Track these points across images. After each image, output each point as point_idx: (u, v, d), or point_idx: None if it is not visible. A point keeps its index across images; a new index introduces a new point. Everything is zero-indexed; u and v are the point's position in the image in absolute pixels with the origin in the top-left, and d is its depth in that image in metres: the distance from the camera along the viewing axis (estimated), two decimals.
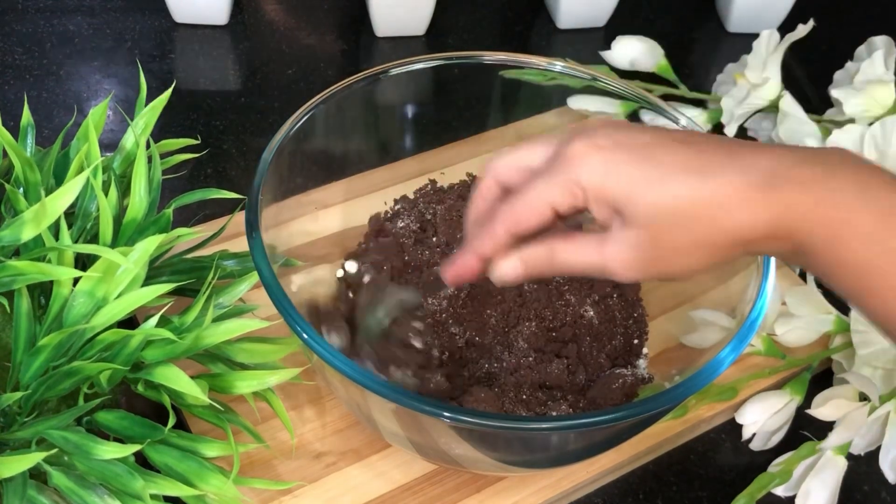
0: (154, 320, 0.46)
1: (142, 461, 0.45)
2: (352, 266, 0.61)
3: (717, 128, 0.74)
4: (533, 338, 0.57)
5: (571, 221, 0.43)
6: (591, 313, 0.59)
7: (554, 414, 0.53)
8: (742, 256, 0.40)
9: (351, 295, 0.60)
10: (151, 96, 0.56)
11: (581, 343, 0.57)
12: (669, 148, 0.39)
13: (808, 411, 0.57)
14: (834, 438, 0.55)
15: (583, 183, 0.40)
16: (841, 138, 0.65)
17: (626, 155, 0.39)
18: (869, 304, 0.37)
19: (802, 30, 0.70)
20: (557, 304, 0.59)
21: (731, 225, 0.38)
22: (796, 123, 0.69)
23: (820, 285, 0.63)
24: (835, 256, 0.37)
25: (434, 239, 0.62)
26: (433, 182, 0.66)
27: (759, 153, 0.38)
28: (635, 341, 0.59)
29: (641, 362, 0.59)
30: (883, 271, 0.36)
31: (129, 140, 0.55)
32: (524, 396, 0.54)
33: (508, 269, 0.44)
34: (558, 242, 0.42)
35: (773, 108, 0.71)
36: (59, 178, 0.53)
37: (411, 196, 0.65)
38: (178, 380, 0.45)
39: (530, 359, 0.56)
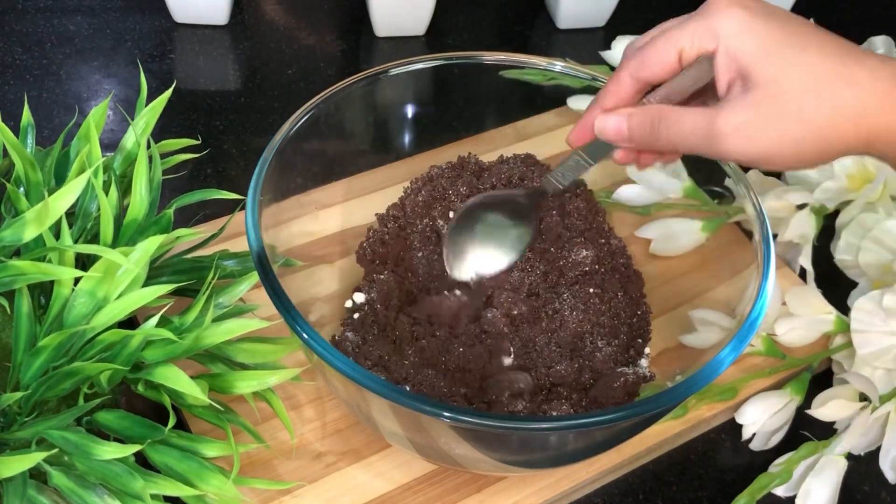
0: (154, 320, 0.46)
1: (142, 461, 0.45)
2: (359, 297, 0.61)
3: None
4: (541, 336, 0.58)
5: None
6: (597, 311, 0.58)
7: (554, 414, 0.53)
8: (854, 153, 0.40)
9: (355, 316, 0.60)
10: (151, 96, 0.56)
11: (586, 341, 0.57)
12: (812, 28, 0.40)
13: (808, 411, 0.57)
14: (843, 445, 0.55)
15: (720, 31, 0.40)
16: None
17: (771, 19, 0.39)
18: None
19: None
20: (564, 302, 0.59)
21: (856, 107, 0.38)
22: None
23: (820, 285, 0.63)
24: None
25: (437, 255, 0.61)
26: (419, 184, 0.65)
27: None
28: (639, 340, 0.59)
29: (643, 362, 0.59)
30: None
31: (129, 140, 0.55)
32: (529, 395, 0.54)
33: (612, 123, 0.43)
34: (670, 108, 0.42)
35: None
36: (60, 178, 0.53)
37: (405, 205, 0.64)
38: (178, 380, 0.45)
39: (538, 356, 0.56)
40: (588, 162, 0.49)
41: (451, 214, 0.62)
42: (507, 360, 0.57)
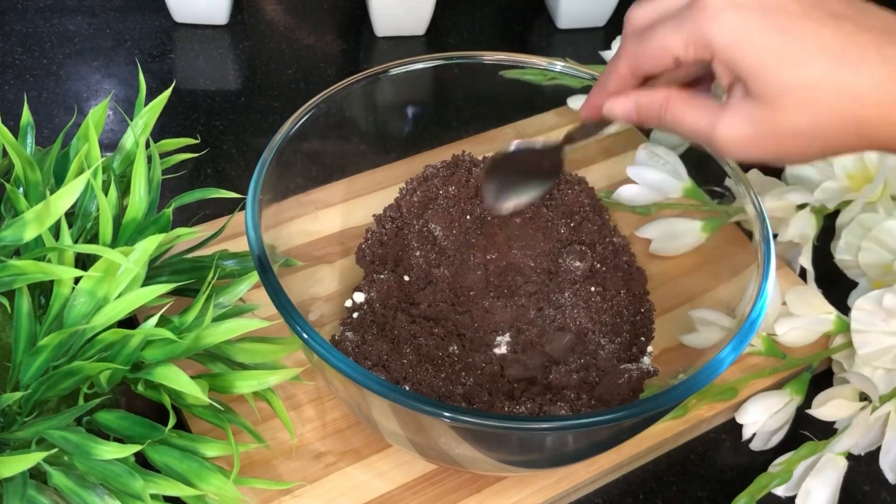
0: (154, 320, 0.46)
1: (142, 461, 0.45)
2: (359, 297, 0.61)
3: None
4: (544, 336, 0.57)
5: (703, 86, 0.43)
6: (599, 309, 0.58)
7: (554, 413, 0.53)
8: (864, 150, 0.38)
9: (355, 316, 0.60)
10: (151, 96, 0.56)
11: (589, 341, 0.57)
12: (815, 21, 0.37)
13: (808, 411, 0.57)
14: (843, 443, 0.55)
15: (712, 41, 0.38)
16: None
17: (766, 21, 0.37)
18: None
19: None
20: (567, 301, 0.59)
21: (862, 120, 0.36)
22: None
23: (820, 285, 0.63)
24: None
25: (433, 256, 0.61)
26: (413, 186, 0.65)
27: None
28: (642, 338, 0.59)
29: (646, 360, 0.59)
30: None
31: (128, 140, 0.55)
32: (532, 394, 0.54)
33: (620, 106, 0.44)
34: (676, 96, 0.41)
35: None
36: (59, 178, 0.53)
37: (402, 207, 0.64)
38: (178, 380, 0.45)
39: (542, 358, 0.56)
40: (599, 127, 0.49)
41: (446, 214, 0.62)
42: (504, 349, 0.57)
